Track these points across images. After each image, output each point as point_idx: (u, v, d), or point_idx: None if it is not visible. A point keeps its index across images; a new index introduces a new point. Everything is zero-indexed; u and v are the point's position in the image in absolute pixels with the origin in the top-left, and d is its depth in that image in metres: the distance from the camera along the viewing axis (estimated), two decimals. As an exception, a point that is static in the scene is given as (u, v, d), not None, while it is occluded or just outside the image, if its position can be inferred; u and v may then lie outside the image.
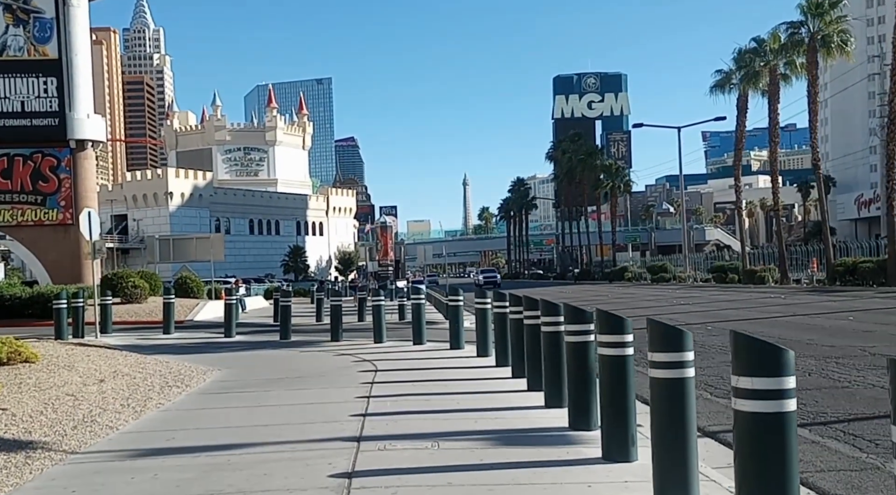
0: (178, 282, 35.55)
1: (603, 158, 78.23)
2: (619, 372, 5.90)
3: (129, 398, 9.24)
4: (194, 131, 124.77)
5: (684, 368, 4.77)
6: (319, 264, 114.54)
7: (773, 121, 41.41)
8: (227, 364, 13.16)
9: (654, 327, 4.88)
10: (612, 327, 5.93)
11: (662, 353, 4.78)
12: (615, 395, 5.92)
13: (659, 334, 4.88)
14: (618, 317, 5.97)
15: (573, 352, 6.88)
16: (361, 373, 11.05)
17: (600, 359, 6.03)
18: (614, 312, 6.02)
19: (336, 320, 16.66)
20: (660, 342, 4.83)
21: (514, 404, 8.26)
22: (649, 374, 4.85)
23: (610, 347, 5.91)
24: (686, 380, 4.78)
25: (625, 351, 5.91)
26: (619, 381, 5.90)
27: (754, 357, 3.90)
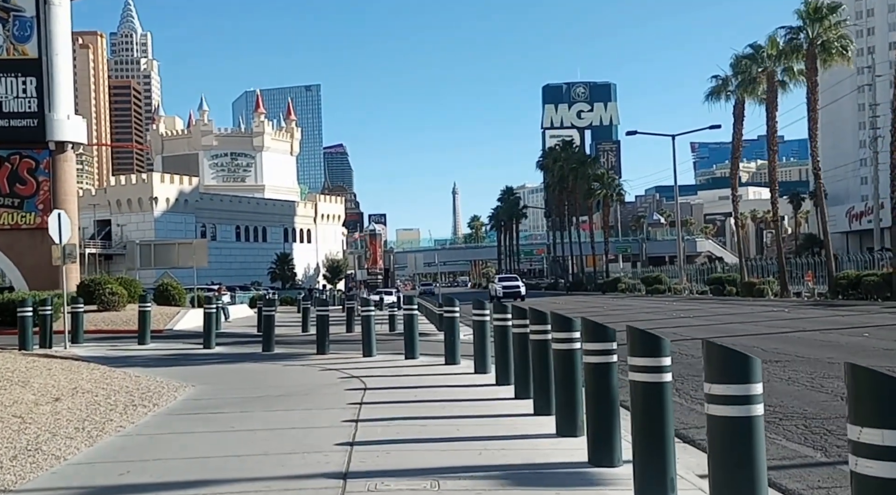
0: (158, 288, 34.39)
1: (595, 167, 77.49)
2: (656, 402, 4.96)
3: (86, 420, 8.21)
4: (181, 136, 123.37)
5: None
6: (307, 272, 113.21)
7: (771, 129, 40.66)
8: (203, 379, 12.13)
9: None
10: (647, 348, 4.99)
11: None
12: (652, 428, 4.97)
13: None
14: (653, 337, 5.02)
15: (593, 374, 5.92)
16: (349, 392, 10.05)
17: (632, 386, 5.08)
18: (651, 331, 5.08)
19: (322, 332, 15.65)
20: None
21: (521, 431, 7.29)
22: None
23: (644, 372, 4.96)
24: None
25: (662, 377, 4.97)
26: (657, 412, 4.96)
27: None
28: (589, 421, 5.99)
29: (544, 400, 8.04)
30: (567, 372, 6.93)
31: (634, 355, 4.99)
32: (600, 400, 5.89)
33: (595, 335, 5.93)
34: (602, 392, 5.89)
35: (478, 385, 10.44)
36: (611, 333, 5.93)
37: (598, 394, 5.90)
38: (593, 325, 6.00)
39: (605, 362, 5.87)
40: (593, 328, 5.98)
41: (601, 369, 5.88)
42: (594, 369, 5.89)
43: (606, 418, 5.87)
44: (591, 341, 5.92)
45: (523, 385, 9.16)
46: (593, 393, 5.93)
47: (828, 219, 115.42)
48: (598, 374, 5.88)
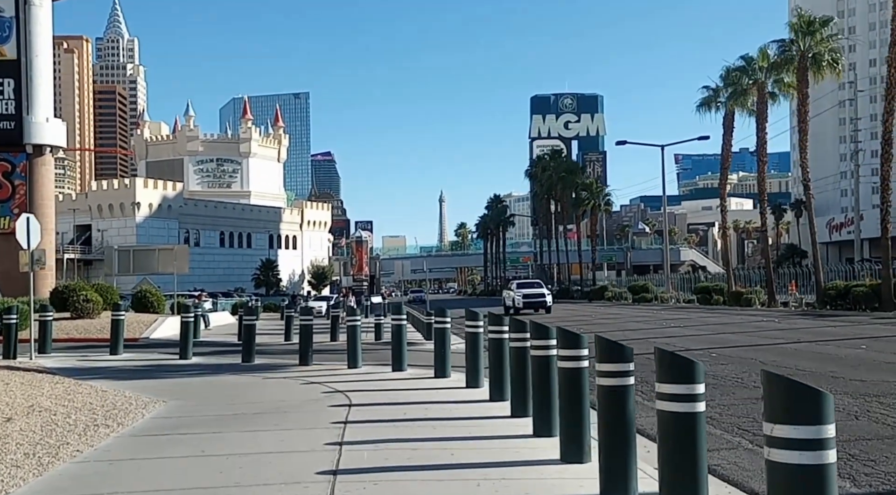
0: (136, 295, 33.44)
1: (583, 176, 77.11)
2: (688, 433, 4.29)
3: (39, 443, 7.42)
4: (166, 141, 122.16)
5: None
6: (292, 278, 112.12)
7: (760, 140, 40.40)
8: (176, 393, 11.33)
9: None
10: (681, 374, 4.31)
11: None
12: (683, 463, 4.29)
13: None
14: (687, 362, 4.34)
15: (608, 399, 5.23)
16: (333, 409, 9.30)
17: (661, 416, 4.40)
18: (679, 353, 4.40)
19: (305, 342, 14.87)
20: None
21: (521, 455, 6.58)
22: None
23: (675, 401, 4.29)
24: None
25: (696, 406, 4.30)
26: (688, 442, 4.29)
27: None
28: (601, 450, 5.28)
29: (545, 421, 7.34)
30: (574, 392, 6.23)
31: (665, 381, 4.30)
32: (616, 427, 5.19)
33: (610, 355, 5.24)
34: (618, 418, 5.19)
35: (471, 401, 9.72)
36: (628, 353, 5.25)
37: (614, 421, 5.20)
38: (607, 344, 5.30)
39: (621, 385, 5.19)
40: (608, 347, 5.28)
41: (617, 393, 5.19)
42: (609, 393, 5.20)
43: (622, 447, 5.17)
44: (606, 361, 5.22)
45: (520, 403, 8.46)
46: (607, 419, 5.23)
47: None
48: (613, 398, 5.19)
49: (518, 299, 38.39)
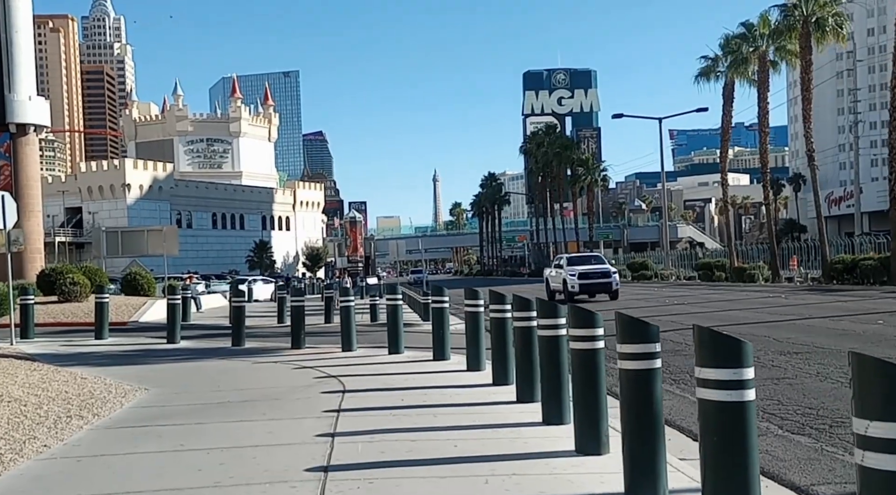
0: (126, 278, 32.76)
1: (579, 152, 76.18)
2: (737, 424, 3.67)
3: (3, 438, 6.77)
4: (155, 122, 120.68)
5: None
6: (286, 260, 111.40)
7: (762, 110, 39.48)
8: (160, 380, 10.72)
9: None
10: (724, 357, 3.69)
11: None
12: (730, 457, 3.69)
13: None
14: (733, 341, 3.72)
15: (633, 384, 4.61)
16: (325, 396, 8.68)
17: (704, 406, 3.79)
18: (720, 331, 3.78)
19: (297, 324, 14.24)
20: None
21: (531, 446, 5.98)
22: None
23: (721, 389, 3.67)
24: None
25: (745, 394, 3.68)
26: (737, 436, 3.68)
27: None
28: (626, 441, 4.66)
29: (556, 408, 6.74)
30: (589, 377, 5.62)
31: (709, 365, 3.69)
32: (642, 415, 4.57)
33: (634, 334, 4.61)
34: (644, 405, 4.58)
35: (473, 385, 9.11)
36: (654, 333, 4.63)
37: (640, 409, 4.58)
38: (631, 322, 4.67)
39: (647, 369, 4.57)
40: (631, 326, 4.65)
41: (643, 378, 4.57)
42: (634, 377, 4.58)
43: (650, 438, 4.56)
44: (630, 342, 4.60)
45: (527, 387, 7.86)
46: (632, 406, 4.61)
47: (808, 204, 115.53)
48: (639, 383, 4.57)
49: (572, 281, 28.28)
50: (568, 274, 28.66)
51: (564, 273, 28.99)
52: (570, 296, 27.67)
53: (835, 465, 5.60)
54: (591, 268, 28.88)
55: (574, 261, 30.33)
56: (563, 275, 29.00)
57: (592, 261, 30.51)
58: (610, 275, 28.44)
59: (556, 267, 31.27)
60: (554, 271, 31.24)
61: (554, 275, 30.80)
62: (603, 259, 32.62)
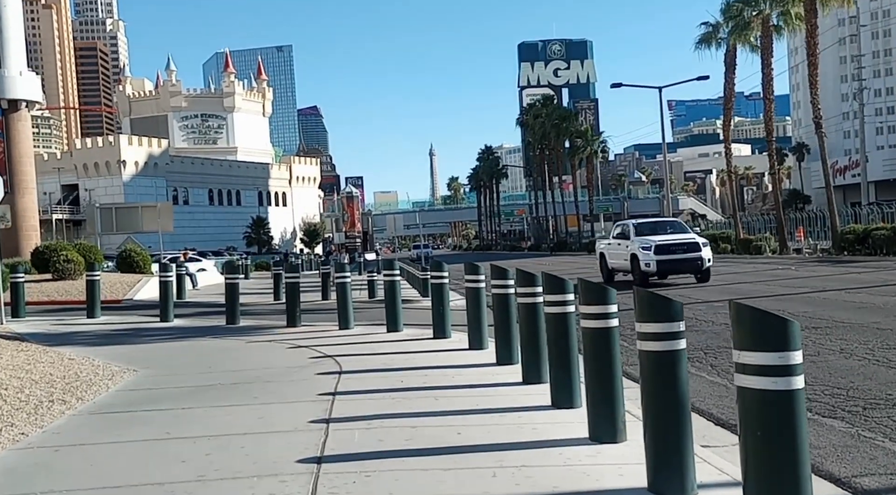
0: (121, 255, 32.31)
1: (578, 123, 75.30)
2: (786, 417, 3.26)
3: (-24, 428, 6.39)
4: (149, 97, 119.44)
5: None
6: (284, 236, 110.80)
7: (766, 76, 38.60)
8: (150, 361, 10.33)
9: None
10: (769, 339, 3.26)
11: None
12: (778, 454, 3.27)
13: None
14: (779, 321, 3.28)
15: (655, 367, 4.18)
16: (320, 378, 8.28)
17: (745, 395, 3.37)
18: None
19: (293, 302, 13.83)
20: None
21: (541, 433, 5.58)
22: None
23: (765, 375, 3.25)
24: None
25: (793, 381, 3.26)
26: (787, 431, 3.26)
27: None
28: (649, 431, 4.24)
29: (565, 391, 6.33)
30: (604, 358, 5.20)
31: (750, 349, 3.25)
32: (666, 402, 4.15)
33: (655, 312, 4.17)
34: (669, 391, 4.15)
35: (475, 365, 8.72)
36: (677, 310, 4.18)
37: (664, 394, 4.15)
38: (650, 299, 4.23)
39: (671, 350, 4.14)
40: (651, 303, 4.21)
41: (666, 360, 4.14)
42: (657, 360, 4.15)
43: (675, 427, 4.14)
44: (650, 320, 4.16)
45: (533, 368, 7.46)
46: (655, 392, 4.19)
47: (812, 174, 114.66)
48: (661, 366, 4.15)
49: (646, 256, 20.55)
50: (640, 247, 20.90)
51: (633, 245, 21.29)
52: (643, 277, 20.60)
53: (876, 453, 5.17)
54: (673, 239, 21.27)
55: (645, 229, 22.70)
56: (630, 249, 21.34)
57: (669, 229, 22.88)
58: (699, 247, 20.95)
59: (619, 237, 23.19)
60: (614, 243, 23.37)
61: (614, 249, 23.02)
62: (683, 225, 24.90)
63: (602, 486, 4.36)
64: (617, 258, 22.69)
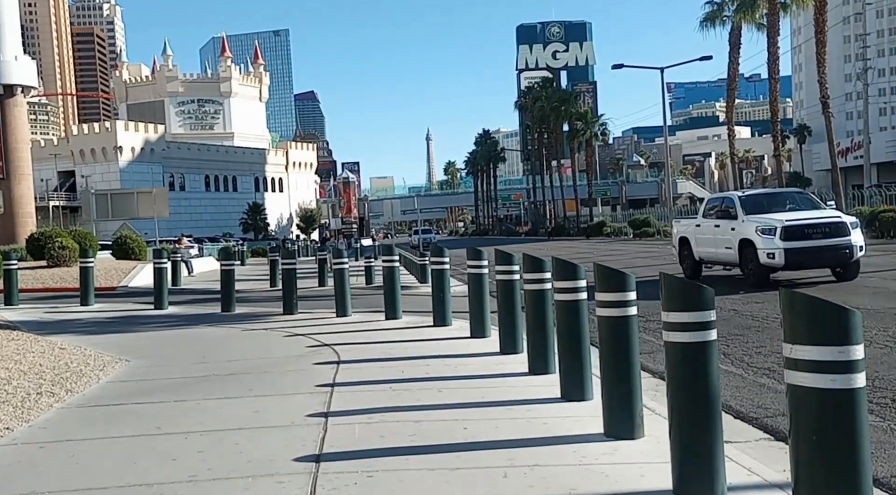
0: (116, 241, 31.97)
1: (578, 105, 74.60)
2: (842, 420, 2.95)
3: (-43, 424, 6.09)
4: (145, 83, 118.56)
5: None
6: (280, 222, 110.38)
7: (772, 55, 38.00)
8: (143, 350, 10.03)
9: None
10: (821, 330, 2.95)
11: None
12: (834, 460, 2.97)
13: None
14: (840, 310, 2.96)
15: (682, 359, 3.88)
16: (318, 368, 7.99)
17: (797, 392, 3.07)
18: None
19: (289, 289, 13.53)
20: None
21: (552, 428, 5.29)
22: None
23: (817, 371, 2.94)
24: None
25: (852, 380, 2.95)
26: (841, 433, 2.95)
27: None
28: (674, 428, 3.93)
29: (576, 382, 6.04)
30: (620, 348, 4.89)
31: (804, 342, 2.94)
32: (695, 397, 3.85)
33: (684, 301, 3.85)
34: (698, 385, 3.85)
35: (479, 354, 8.42)
36: (708, 299, 3.87)
37: (692, 389, 3.85)
38: (680, 286, 3.92)
39: (700, 341, 3.84)
40: (680, 291, 3.90)
41: (694, 352, 3.84)
42: (685, 351, 3.84)
43: (703, 424, 3.84)
44: (678, 309, 3.85)
45: (540, 357, 7.16)
46: (683, 386, 3.88)
47: (813, 156, 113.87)
48: (689, 359, 3.84)
49: (768, 243, 14.58)
50: (758, 229, 14.71)
51: (745, 227, 15.15)
52: (761, 272, 14.72)
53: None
54: (806, 218, 14.91)
55: (757, 204, 15.99)
56: (740, 232, 15.24)
57: (790, 204, 16.12)
58: (846, 229, 14.60)
59: (715, 215, 16.60)
60: (706, 224, 16.68)
61: (708, 233, 16.55)
62: (812, 198, 17.00)
63: (623, 488, 4.06)
64: (713, 245, 16.35)
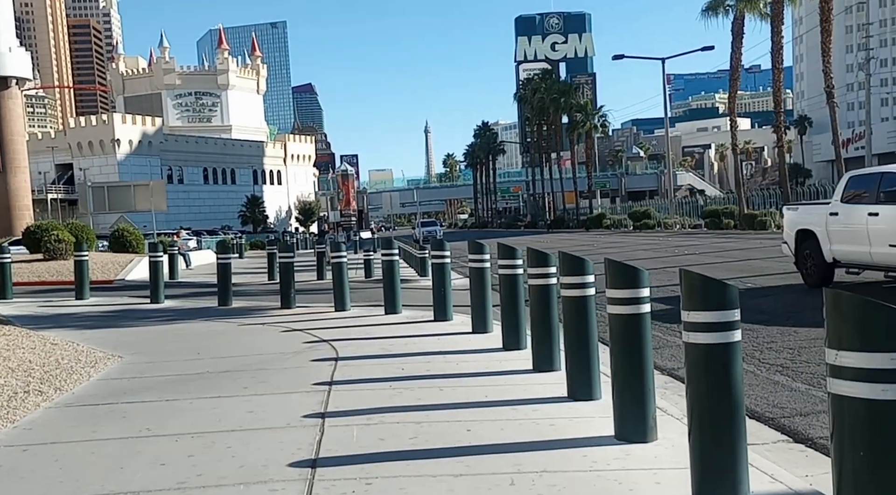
0: (114, 234, 31.72)
1: (578, 97, 74.12)
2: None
3: (-63, 426, 5.84)
4: (142, 75, 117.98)
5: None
6: (279, 215, 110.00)
7: (776, 44, 37.55)
8: (136, 346, 9.78)
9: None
10: (874, 336, 2.67)
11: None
12: (884, 477, 2.70)
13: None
14: (890, 311, 2.69)
15: (704, 361, 3.63)
16: (315, 365, 7.75)
17: (841, 405, 2.80)
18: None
19: (286, 282, 13.28)
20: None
21: (563, 432, 5.04)
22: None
23: (866, 381, 2.68)
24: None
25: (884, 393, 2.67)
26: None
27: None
28: (694, 433, 3.69)
29: (584, 381, 5.80)
30: (635, 348, 4.63)
31: (852, 348, 2.68)
32: (718, 401, 3.61)
33: (706, 300, 3.60)
34: (720, 388, 3.60)
35: (481, 350, 8.18)
36: (733, 297, 3.62)
37: (714, 393, 3.61)
38: (703, 283, 3.66)
39: (724, 343, 3.59)
40: (703, 288, 3.65)
41: (718, 353, 3.59)
42: (706, 353, 3.60)
43: (728, 428, 3.60)
44: (701, 309, 3.60)
45: (545, 355, 6.92)
46: (703, 389, 3.63)
47: (814, 148, 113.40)
48: (712, 361, 3.60)
49: None
50: None
51: None
52: None
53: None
54: None
55: None
56: None
57: None
58: None
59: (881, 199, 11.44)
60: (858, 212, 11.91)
61: (853, 224, 11.99)
62: None
63: (641, 497, 3.81)
64: (863, 242, 11.70)
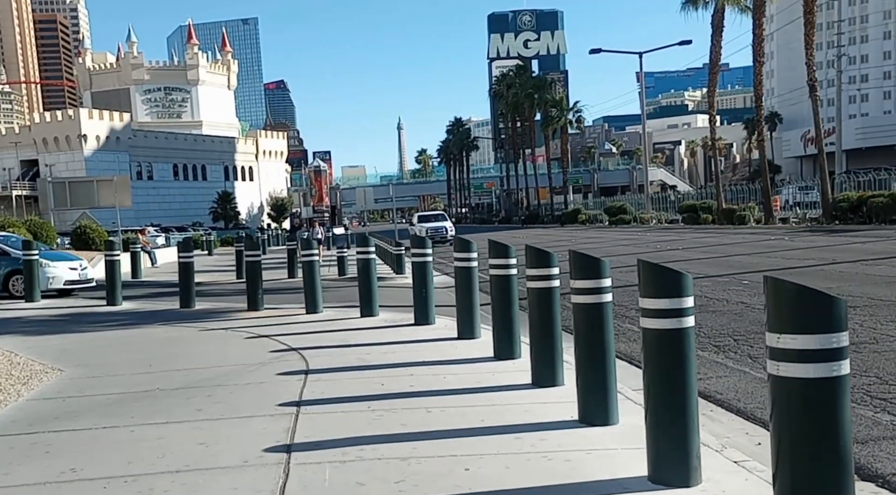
0: (76, 231, 30.39)
1: (553, 92, 73.46)
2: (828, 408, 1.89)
3: None
4: (110, 70, 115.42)
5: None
6: (251, 211, 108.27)
7: (757, 37, 37.05)
8: (82, 356, 8.73)
9: None
10: None
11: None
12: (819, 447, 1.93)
13: None
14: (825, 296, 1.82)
15: (654, 342, 2.86)
16: (283, 380, 6.76)
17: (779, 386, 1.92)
18: None
19: (253, 283, 12.26)
20: None
21: (581, 469, 4.15)
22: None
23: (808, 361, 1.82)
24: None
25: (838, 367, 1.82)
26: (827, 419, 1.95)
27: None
28: (650, 417, 2.82)
29: (600, 402, 4.89)
30: (671, 365, 3.73)
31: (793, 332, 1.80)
32: (672, 382, 2.75)
33: (661, 288, 2.73)
34: (675, 370, 2.72)
35: (470, 360, 7.25)
36: (686, 285, 2.75)
37: (668, 374, 2.76)
38: (659, 271, 2.77)
39: (676, 328, 2.70)
40: (659, 276, 2.76)
41: (670, 338, 2.71)
42: (661, 337, 2.72)
43: (679, 409, 2.72)
44: (654, 296, 2.71)
45: (547, 367, 6.01)
46: (660, 373, 2.87)
47: (783, 144, 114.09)
48: (665, 345, 2.92)
49: None
50: None
51: None
52: None
53: None
54: None
55: None
56: None
57: None
58: None
59: None
60: None
61: None
62: None
63: None
64: None
